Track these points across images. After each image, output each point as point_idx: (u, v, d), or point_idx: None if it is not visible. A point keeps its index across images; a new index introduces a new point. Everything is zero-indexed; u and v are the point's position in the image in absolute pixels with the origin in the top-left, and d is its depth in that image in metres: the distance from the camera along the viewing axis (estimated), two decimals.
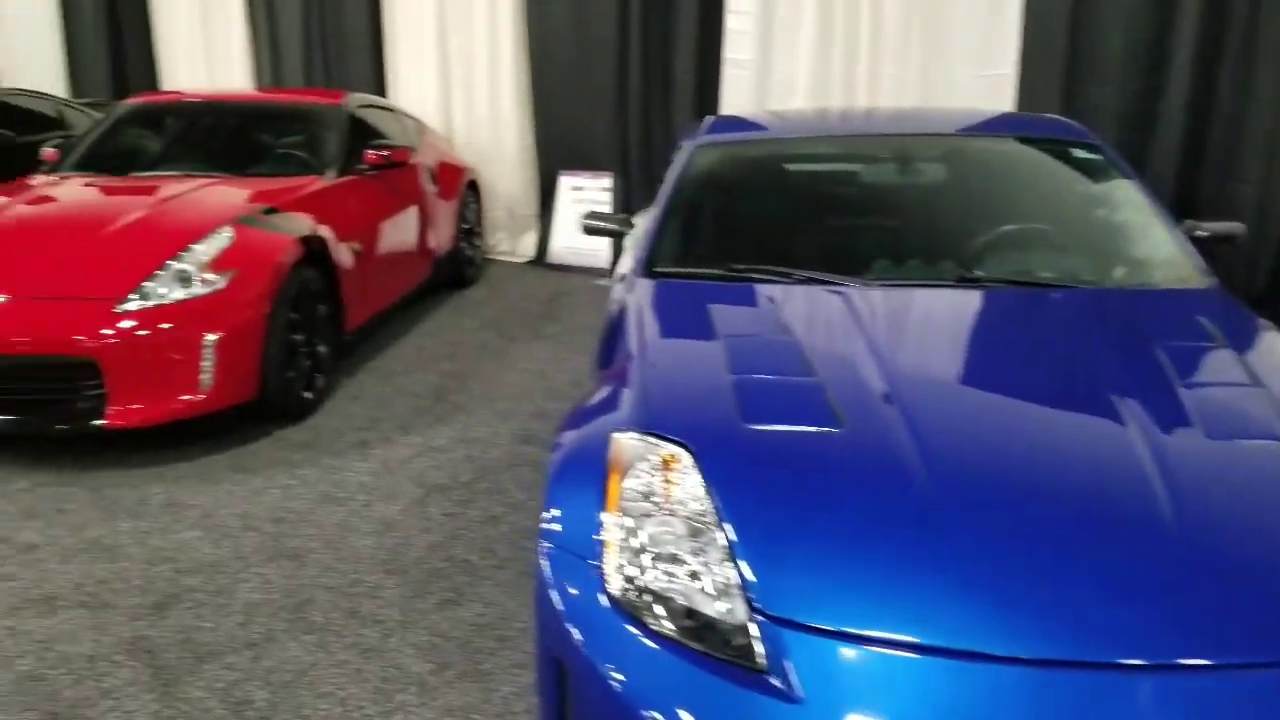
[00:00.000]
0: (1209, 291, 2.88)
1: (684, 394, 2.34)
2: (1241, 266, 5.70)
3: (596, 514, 1.95)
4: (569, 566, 1.91)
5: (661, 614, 1.76)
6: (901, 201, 3.55)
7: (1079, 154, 3.53)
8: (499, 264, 7.66)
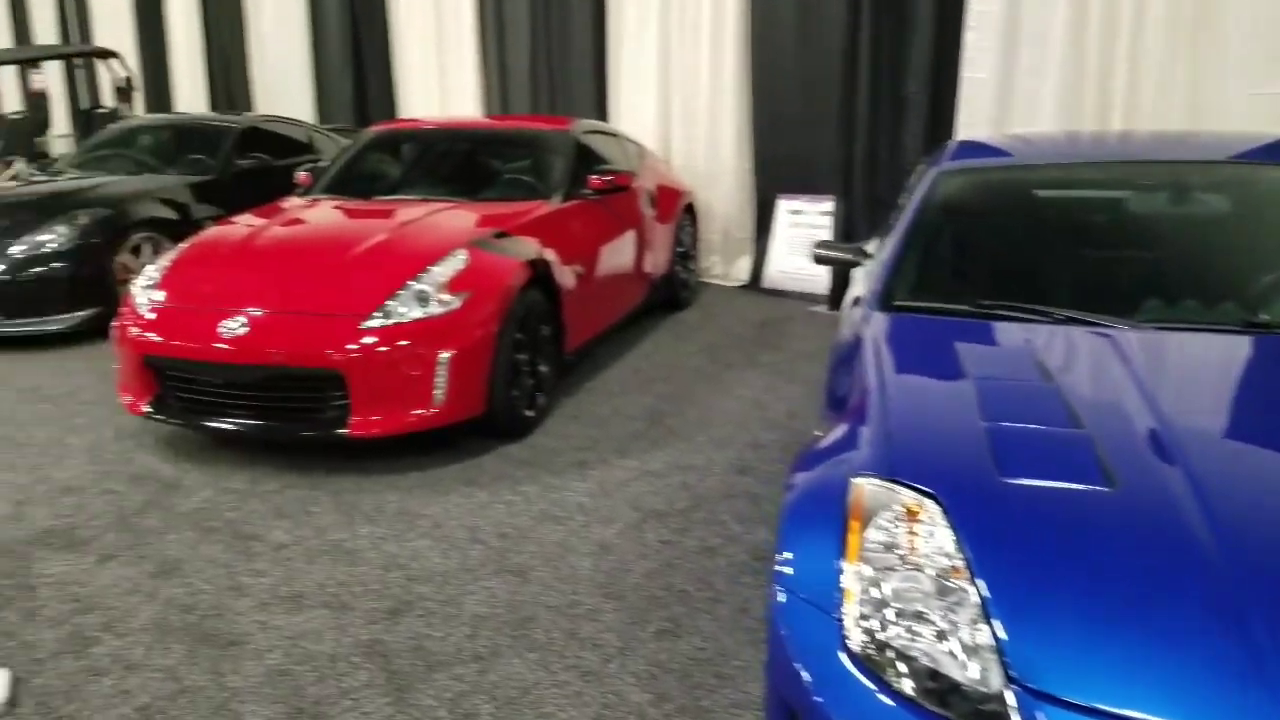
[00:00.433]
0: None
1: (930, 439, 2.22)
2: None
3: (834, 562, 1.89)
4: (804, 614, 1.87)
5: (903, 672, 1.68)
6: (1171, 235, 3.24)
7: None
8: (712, 287, 7.64)
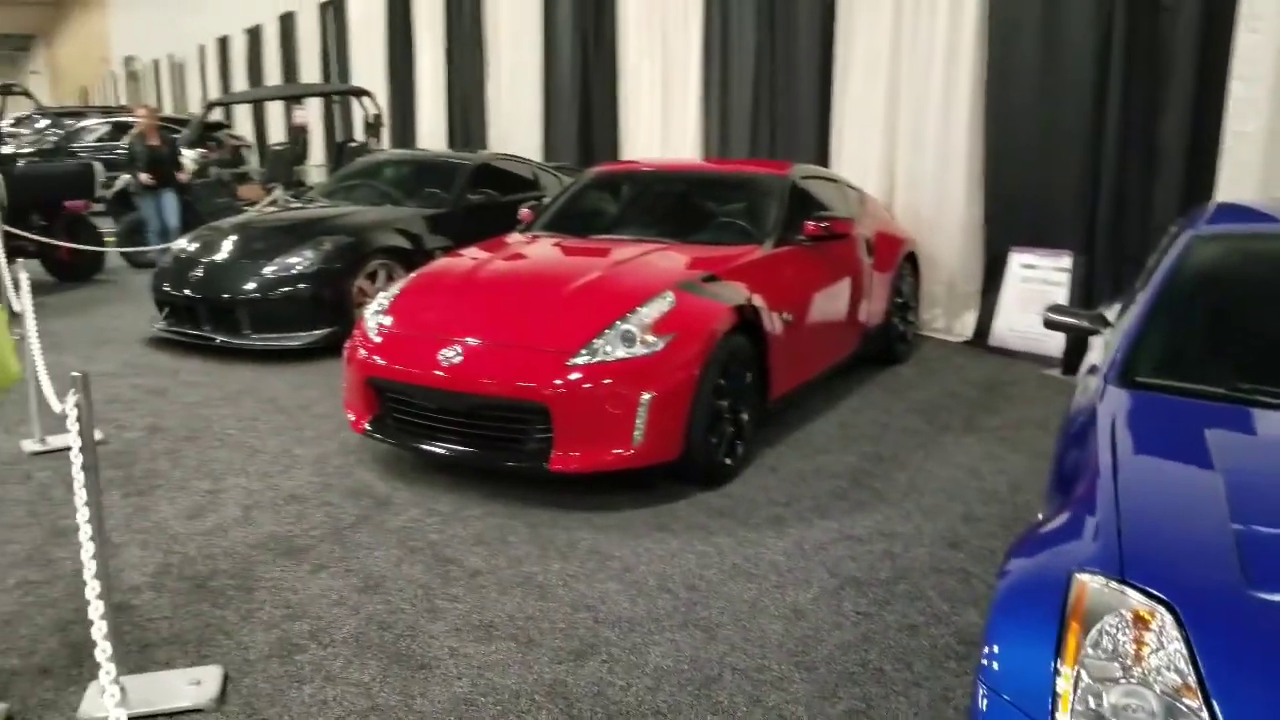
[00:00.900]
0: None
1: (1167, 538, 1.98)
2: None
3: (1048, 664, 1.73)
4: (1010, 718, 1.71)
5: None
6: None
7: None
8: (932, 342, 7.32)
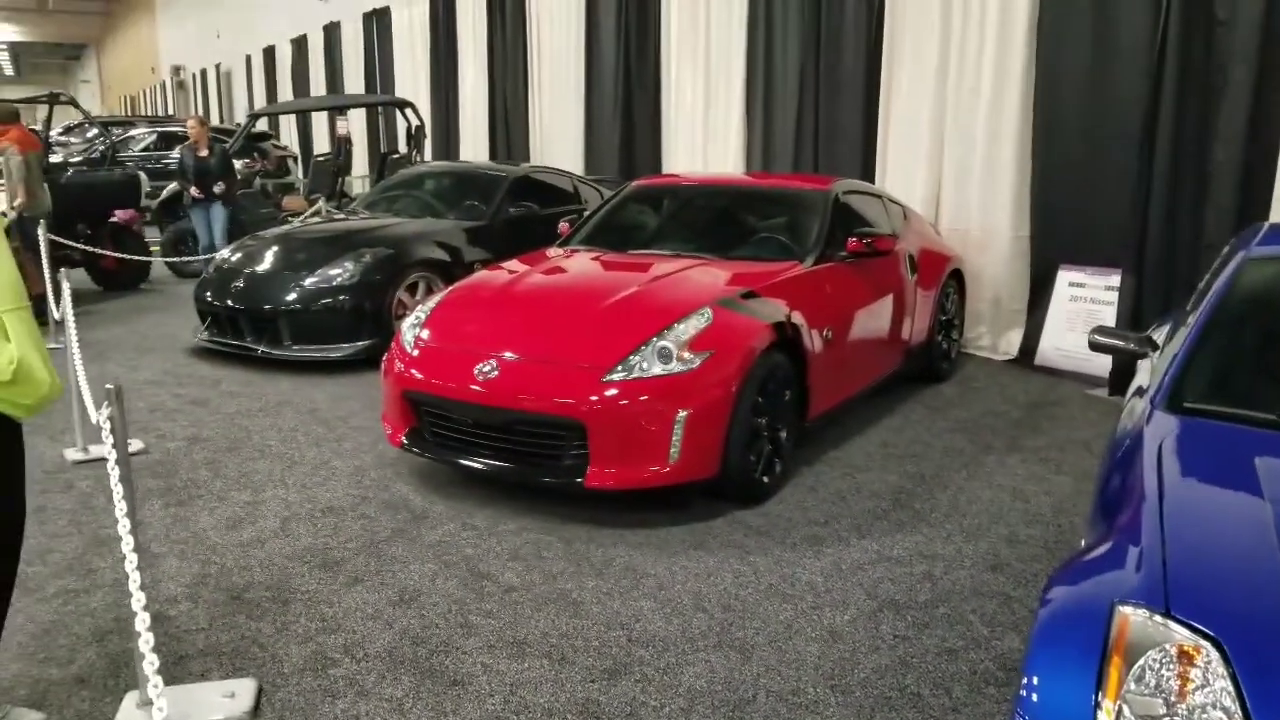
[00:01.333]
0: None
1: (1214, 570, 1.92)
2: None
3: (1088, 697, 1.69)
4: None
5: None
6: None
7: None
8: (976, 360, 7.21)
